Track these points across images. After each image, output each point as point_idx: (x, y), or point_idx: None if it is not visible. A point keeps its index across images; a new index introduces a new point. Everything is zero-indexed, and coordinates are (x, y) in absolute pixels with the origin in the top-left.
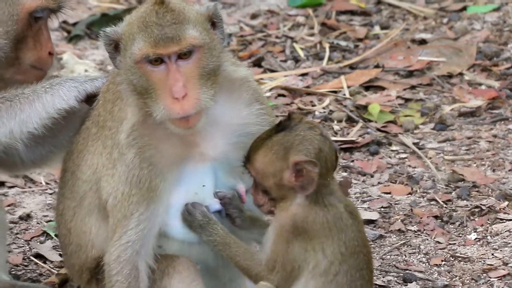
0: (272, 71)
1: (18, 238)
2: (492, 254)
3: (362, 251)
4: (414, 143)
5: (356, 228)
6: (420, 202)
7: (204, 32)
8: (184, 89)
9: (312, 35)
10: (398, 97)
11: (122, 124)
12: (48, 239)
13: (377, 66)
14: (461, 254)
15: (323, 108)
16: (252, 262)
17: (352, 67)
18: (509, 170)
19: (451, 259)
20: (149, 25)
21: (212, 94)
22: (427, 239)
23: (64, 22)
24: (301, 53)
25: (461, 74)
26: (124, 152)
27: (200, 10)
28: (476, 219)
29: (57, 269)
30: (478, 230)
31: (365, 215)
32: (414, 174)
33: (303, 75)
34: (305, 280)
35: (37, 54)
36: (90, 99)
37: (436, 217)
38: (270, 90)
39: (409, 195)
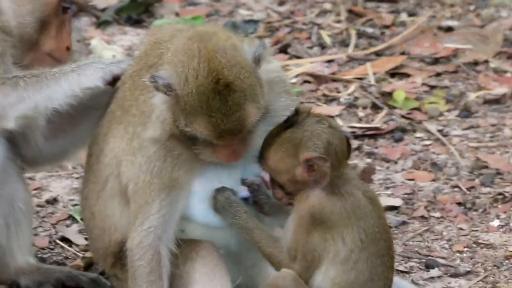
0: (298, 57)
1: (45, 221)
2: None
3: (382, 237)
4: (438, 130)
5: (376, 214)
6: (444, 189)
7: (258, 95)
8: (238, 153)
9: (338, 21)
10: (423, 84)
11: (146, 120)
12: (74, 223)
13: (403, 53)
14: (483, 240)
15: (348, 94)
16: (275, 249)
17: (378, 54)
18: None
19: (474, 245)
20: (212, 110)
21: (262, 133)
22: (450, 226)
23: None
24: (328, 40)
25: (486, 61)
26: (146, 145)
27: (248, 55)
28: (499, 206)
29: (82, 252)
30: (501, 217)
31: (389, 201)
32: (438, 161)
33: (329, 61)
34: (326, 268)
35: (56, 43)
36: (115, 81)
37: (459, 203)
38: (296, 76)
39: (433, 182)
